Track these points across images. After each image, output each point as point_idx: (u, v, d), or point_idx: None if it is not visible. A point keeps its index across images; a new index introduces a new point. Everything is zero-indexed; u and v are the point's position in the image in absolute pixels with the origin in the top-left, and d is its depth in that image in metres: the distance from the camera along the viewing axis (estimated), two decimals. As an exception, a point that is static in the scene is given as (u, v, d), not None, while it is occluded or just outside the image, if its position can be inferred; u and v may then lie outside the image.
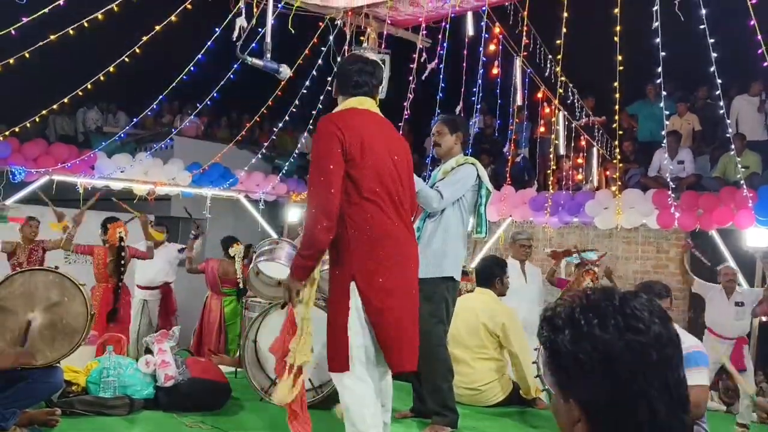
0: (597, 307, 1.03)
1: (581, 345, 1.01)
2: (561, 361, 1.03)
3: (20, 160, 7.69)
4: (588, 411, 1.01)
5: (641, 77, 8.75)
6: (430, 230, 3.94)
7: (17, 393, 3.44)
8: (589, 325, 1.01)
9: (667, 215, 7.27)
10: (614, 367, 0.99)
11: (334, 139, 2.76)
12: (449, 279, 3.93)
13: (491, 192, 4.14)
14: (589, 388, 1.01)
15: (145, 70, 7.73)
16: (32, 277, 3.48)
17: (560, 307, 1.07)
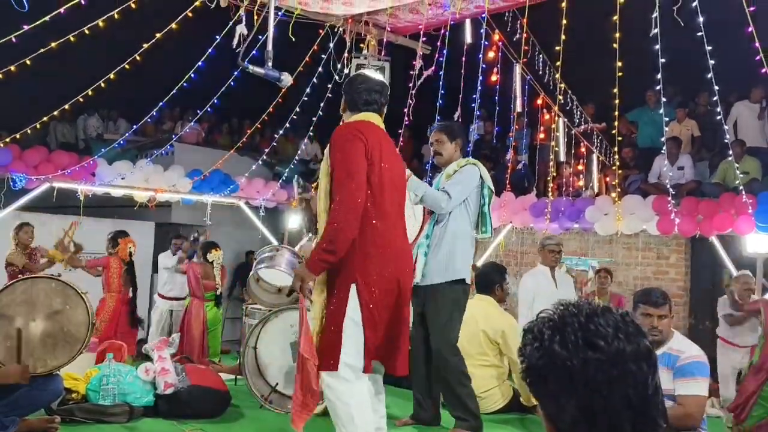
0: (563, 322, 1.04)
1: (543, 360, 1.02)
2: (530, 374, 1.06)
3: (21, 167, 7.69)
4: (554, 425, 1.03)
5: (640, 84, 8.76)
6: (439, 235, 3.97)
7: (17, 400, 3.44)
8: (549, 341, 1.03)
9: (667, 221, 7.27)
10: (573, 383, 1.00)
11: (359, 142, 2.85)
12: (460, 282, 3.95)
13: (493, 192, 4.16)
14: (552, 402, 1.02)
15: (146, 78, 7.74)
16: (34, 284, 3.49)
17: (538, 320, 1.08)
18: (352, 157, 2.82)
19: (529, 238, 9.55)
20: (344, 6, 6.14)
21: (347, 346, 2.79)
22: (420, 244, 4.04)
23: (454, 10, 5.78)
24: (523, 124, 9.49)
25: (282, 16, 5.93)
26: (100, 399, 4.00)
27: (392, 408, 4.74)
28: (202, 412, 4.12)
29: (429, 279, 3.95)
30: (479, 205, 4.06)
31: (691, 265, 8.44)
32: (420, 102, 6.80)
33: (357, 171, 2.81)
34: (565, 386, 1.01)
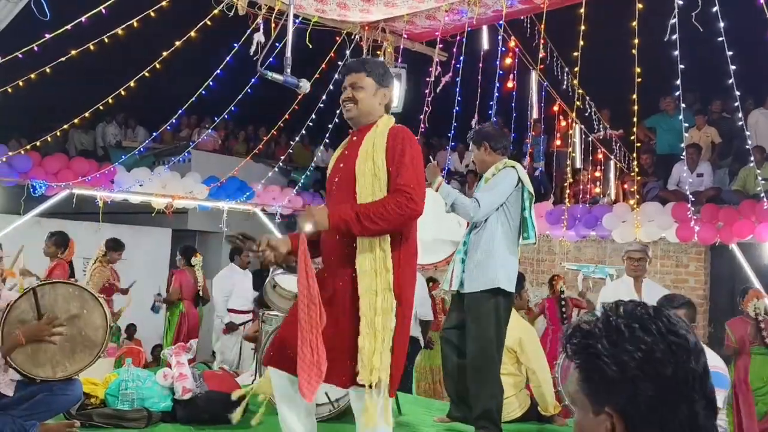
0: (634, 314, 1.03)
1: (624, 348, 1.00)
2: (599, 367, 1.01)
3: (41, 174, 7.79)
4: (627, 418, 1.00)
5: (658, 90, 8.70)
6: (473, 242, 3.89)
7: (37, 405, 3.46)
8: (630, 329, 1.01)
9: (686, 228, 7.20)
10: (658, 368, 0.99)
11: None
12: (497, 291, 3.78)
13: (533, 196, 4.02)
14: (629, 393, 0.99)
15: (164, 85, 7.83)
16: (53, 289, 3.51)
17: (589, 318, 1.06)
18: (422, 164, 2.73)
19: (545, 246, 9.49)
20: (361, 13, 6.17)
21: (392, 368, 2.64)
22: (458, 251, 3.98)
23: (471, 15, 5.77)
24: (540, 131, 9.46)
25: (299, 24, 5.97)
26: (118, 404, 4.02)
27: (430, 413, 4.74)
28: (219, 417, 4.11)
29: (467, 287, 3.87)
30: (520, 209, 3.93)
31: (711, 274, 8.33)
32: (436, 108, 6.81)
33: (422, 175, 2.70)
34: (648, 373, 0.99)
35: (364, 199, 2.61)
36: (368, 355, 2.52)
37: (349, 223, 2.52)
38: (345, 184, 2.72)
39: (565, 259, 8.98)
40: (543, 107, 7.79)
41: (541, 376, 4.62)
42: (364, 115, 2.78)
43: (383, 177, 2.62)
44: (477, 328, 3.83)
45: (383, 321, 2.55)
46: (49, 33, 5.45)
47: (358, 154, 2.69)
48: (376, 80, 2.78)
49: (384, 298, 2.57)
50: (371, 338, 2.53)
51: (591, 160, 9.04)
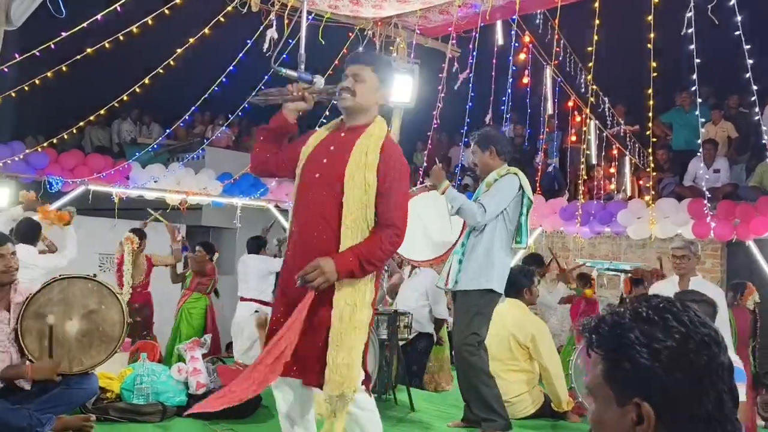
0: (664, 307, 1.04)
1: (657, 337, 1.00)
2: (631, 357, 1.01)
3: (57, 171, 7.87)
4: (656, 408, 0.99)
5: (674, 85, 8.61)
6: (473, 244, 3.97)
7: (53, 399, 3.51)
8: (664, 320, 1.01)
9: (702, 225, 7.13)
10: (691, 359, 0.99)
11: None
12: (490, 291, 3.93)
13: (532, 202, 4.12)
14: (660, 383, 0.99)
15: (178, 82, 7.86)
16: (71, 284, 3.55)
17: (617, 311, 1.06)
18: (408, 188, 2.79)
19: (559, 242, 9.44)
20: (374, 9, 6.15)
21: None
22: (456, 251, 4.05)
23: (485, 7, 5.73)
24: (554, 127, 9.40)
25: (312, 20, 5.97)
26: (134, 398, 4.06)
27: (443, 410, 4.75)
28: (233, 412, 4.14)
29: (460, 285, 3.96)
30: (518, 215, 4.03)
31: (727, 270, 8.25)
32: (449, 104, 6.78)
33: (407, 204, 2.76)
34: (680, 362, 0.99)
35: (351, 211, 2.60)
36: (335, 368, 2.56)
37: (354, 272, 2.56)
38: (329, 186, 2.66)
39: (579, 256, 8.93)
40: (557, 103, 7.73)
41: (554, 372, 4.61)
42: (359, 108, 2.73)
43: (372, 194, 2.62)
44: (465, 321, 3.93)
45: (356, 335, 2.60)
46: (65, 31, 5.50)
47: (349, 162, 2.64)
48: (380, 79, 2.74)
49: (360, 311, 2.62)
50: (341, 352, 2.57)
51: (606, 156, 8.96)
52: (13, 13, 4.13)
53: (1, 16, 4.15)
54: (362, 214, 2.61)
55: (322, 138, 2.84)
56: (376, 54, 2.96)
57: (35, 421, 3.39)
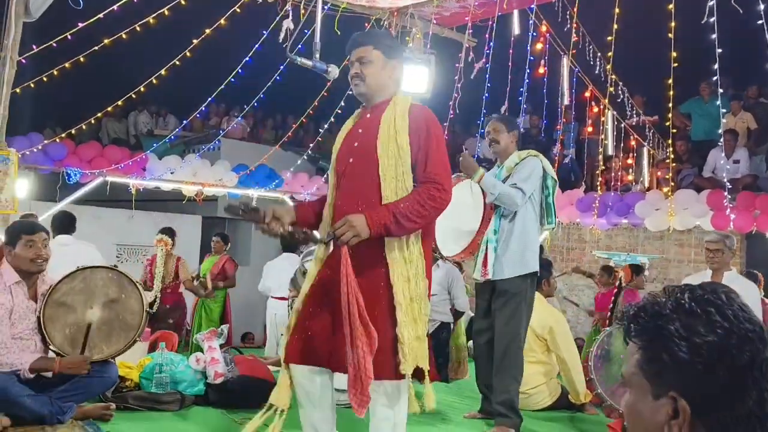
0: (707, 299, 1.00)
1: (698, 331, 0.97)
2: (669, 349, 0.97)
3: (75, 162, 7.94)
4: (693, 403, 0.96)
5: (693, 75, 8.50)
6: (508, 229, 3.94)
7: (74, 387, 3.55)
8: (707, 314, 0.97)
9: (722, 217, 7.05)
10: (733, 355, 0.95)
11: None
12: (532, 274, 3.95)
13: (557, 181, 4.13)
14: (698, 378, 0.96)
15: (193, 74, 7.89)
16: (93, 274, 3.58)
17: (658, 300, 1.03)
18: (445, 148, 2.66)
19: (575, 234, 9.38)
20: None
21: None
22: (489, 240, 3.96)
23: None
24: (571, 118, 9.32)
25: (327, 10, 5.95)
26: (152, 387, 4.09)
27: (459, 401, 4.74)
28: (251, 401, 4.16)
29: (500, 273, 3.91)
30: (543, 196, 4.04)
31: (747, 262, 8.15)
32: (465, 95, 6.74)
33: (448, 161, 2.64)
34: (721, 358, 0.96)
35: (389, 182, 2.52)
36: (408, 344, 2.45)
37: (389, 227, 2.41)
38: (364, 165, 2.58)
39: (595, 248, 8.87)
40: (574, 93, 7.67)
41: (572, 364, 4.58)
42: (374, 90, 2.66)
43: (407, 159, 2.53)
44: (510, 311, 3.89)
45: (420, 307, 2.51)
46: (82, 22, 5.52)
47: (379, 134, 2.56)
48: (384, 52, 2.66)
49: (417, 284, 2.52)
50: (410, 326, 2.47)
51: (623, 147, 8.88)
52: (31, 5, 4.17)
53: (20, 8, 4.19)
54: (401, 183, 2.52)
55: (349, 128, 2.79)
56: (371, 31, 2.89)
57: (56, 408, 3.43)
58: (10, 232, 3.55)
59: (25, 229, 3.51)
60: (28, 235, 3.45)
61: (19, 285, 3.45)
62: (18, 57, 4.24)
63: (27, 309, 3.47)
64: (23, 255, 3.43)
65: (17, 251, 3.44)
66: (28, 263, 3.45)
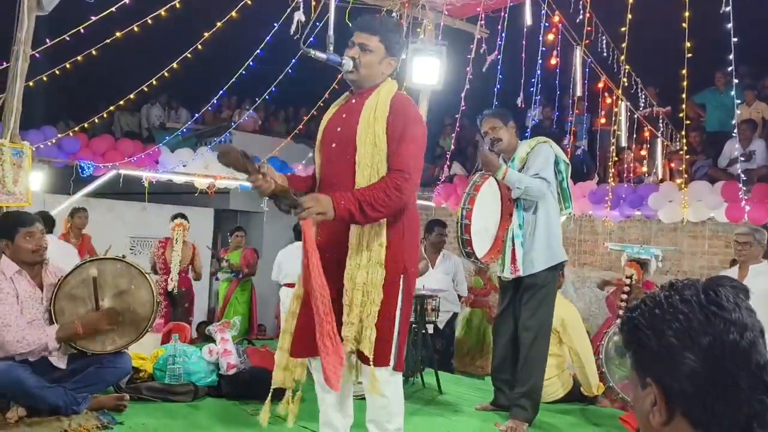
0: (678, 288, 1.06)
1: (663, 318, 1.02)
2: (640, 340, 1.05)
3: (89, 155, 8.00)
4: (666, 389, 1.02)
5: (707, 65, 8.39)
6: (532, 222, 3.86)
7: (88, 378, 3.58)
8: (668, 301, 1.04)
9: (736, 208, 6.98)
10: (694, 338, 1.00)
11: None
12: (559, 265, 3.93)
13: (569, 165, 4.05)
14: (669, 364, 1.01)
15: (205, 67, 7.91)
16: (101, 265, 3.60)
17: (655, 295, 1.08)
18: (424, 140, 2.66)
19: (587, 226, 9.33)
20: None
21: (397, 339, 2.60)
22: (515, 235, 3.87)
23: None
24: (583, 109, 9.25)
25: (339, 2, 5.93)
26: (166, 378, 4.12)
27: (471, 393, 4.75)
28: (263, 393, 4.18)
29: (530, 268, 3.84)
30: (558, 181, 3.98)
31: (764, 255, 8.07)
32: (477, 86, 6.71)
33: (423, 157, 2.68)
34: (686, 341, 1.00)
35: (363, 169, 2.55)
36: (347, 328, 2.51)
37: (354, 214, 2.44)
38: (344, 151, 2.62)
39: (608, 240, 8.82)
40: (587, 84, 7.60)
41: (584, 356, 4.56)
42: (365, 79, 2.67)
43: (383, 147, 2.55)
44: (538, 304, 3.86)
45: (366, 294, 2.52)
46: (95, 15, 5.54)
47: (359, 121, 2.59)
48: (386, 47, 2.67)
49: (368, 272, 2.53)
50: (351, 311, 2.51)
51: (637, 138, 8.80)
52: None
53: (33, 2, 4.21)
54: (374, 170, 2.54)
55: (333, 112, 2.81)
56: (383, 22, 2.85)
57: (71, 399, 3.46)
58: (4, 225, 3.53)
59: (22, 221, 3.49)
60: (25, 227, 3.44)
61: (20, 274, 3.45)
62: (31, 51, 4.26)
63: (33, 296, 3.48)
64: (24, 247, 3.43)
65: (18, 244, 3.44)
66: (30, 255, 3.45)
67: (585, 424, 4.21)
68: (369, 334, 2.52)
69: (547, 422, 4.08)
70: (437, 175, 9.93)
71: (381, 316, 2.53)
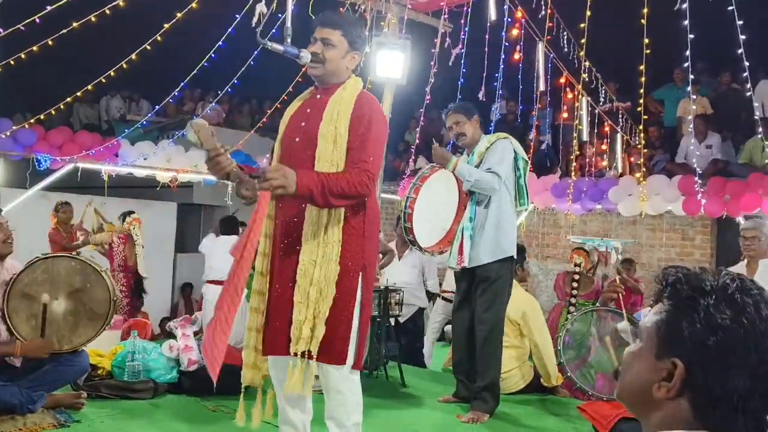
0: (751, 292, 1.01)
1: (727, 314, 0.98)
2: (692, 321, 0.99)
3: (45, 148, 7.80)
4: (691, 375, 0.99)
5: (666, 61, 8.56)
6: (483, 215, 3.94)
7: (44, 376, 3.51)
8: (743, 303, 0.99)
9: (693, 201, 7.16)
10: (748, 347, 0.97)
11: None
12: (509, 259, 3.96)
13: (528, 162, 4.13)
14: (706, 355, 0.98)
15: (167, 58, 7.76)
16: (54, 263, 3.53)
17: (702, 275, 1.04)
18: (384, 139, 2.68)
19: (550, 219, 9.47)
20: (365, -17, 6.06)
21: (354, 337, 2.58)
22: (465, 227, 3.96)
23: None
24: (546, 104, 9.36)
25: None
26: (125, 375, 4.06)
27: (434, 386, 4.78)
28: (225, 388, 4.15)
29: (477, 260, 3.93)
30: (516, 178, 4.04)
31: (717, 246, 8.31)
32: (441, 81, 6.72)
33: (382, 155, 2.69)
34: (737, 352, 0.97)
35: (322, 165, 2.53)
36: (298, 326, 2.48)
37: (314, 195, 2.40)
38: (305, 145, 2.60)
39: (570, 233, 8.97)
40: (549, 79, 7.69)
41: (544, 348, 4.64)
42: (329, 74, 2.67)
43: (343, 144, 2.55)
44: (493, 298, 3.93)
45: (319, 291, 2.49)
46: (50, 5, 5.39)
47: (323, 118, 2.59)
48: (349, 42, 2.66)
49: (322, 269, 2.51)
50: (303, 308, 2.49)
51: (597, 133, 8.96)
52: (-5, -13, 4.05)
53: (-16, -10, 4.07)
54: (334, 167, 2.53)
55: (297, 106, 2.78)
56: (345, 17, 2.85)
57: (26, 398, 3.39)
58: None
59: None
60: None
61: None
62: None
63: None
64: None
65: None
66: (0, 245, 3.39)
67: (545, 413, 4.29)
68: (320, 333, 2.49)
69: (508, 413, 4.14)
70: (403, 169, 9.94)
71: (336, 313, 2.50)
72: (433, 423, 3.94)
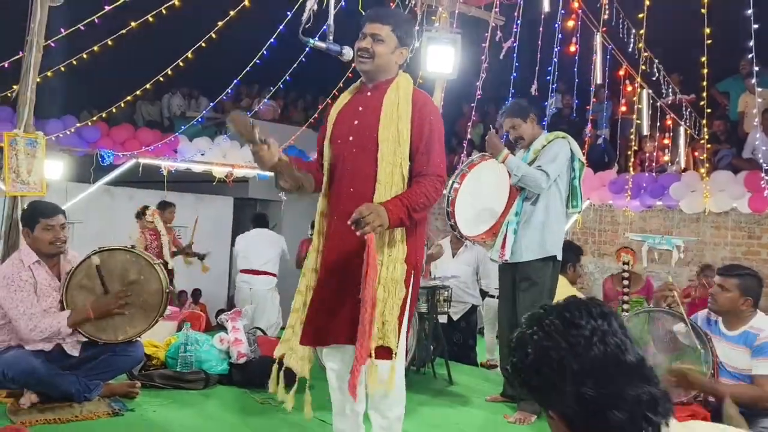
0: (539, 318, 1.19)
1: (536, 358, 1.16)
2: (525, 381, 1.19)
3: (109, 144, 8.09)
4: (566, 419, 1.14)
5: (733, 52, 8.17)
6: (529, 212, 3.89)
7: (100, 365, 3.64)
8: (533, 338, 1.18)
9: (759, 199, 6.83)
10: (570, 367, 1.11)
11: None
12: (551, 259, 3.88)
13: (584, 164, 4.04)
14: (558, 398, 1.13)
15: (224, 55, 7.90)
16: (111, 256, 3.64)
17: (517, 331, 1.24)
18: (443, 138, 2.68)
19: (608, 216, 9.20)
20: (416, -22, 6.03)
21: (404, 333, 2.61)
22: (509, 222, 3.93)
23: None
24: (604, 97, 9.08)
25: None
26: (178, 366, 4.18)
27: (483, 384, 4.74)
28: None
29: (518, 256, 3.88)
30: (570, 179, 3.96)
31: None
32: (493, 75, 6.62)
33: (445, 153, 2.69)
34: (560, 371, 1.12)
35: (385, 167, 2.55)
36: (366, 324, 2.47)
37: (404, 221, 2.48)
38: (364, 146, 2.59)
39: (628, 230, 8.69)
40: (607, 72, 7.45)
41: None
42: (379, 70, 2.66)
43: (406, 147, 2.56)
44: (532, 297, 3.84)
45: (386, 290, 2.52)
46: (108, 5, 5.57)
47: (381, 117, 2.58)
48: (398, 37, 2.66)
49: (388, 269, 2.53)
50: (369, 307, 2.47)
51: (659, 126, 8.63)
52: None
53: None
54: (397, 168, 2.55)
55: (346, 102, 2.78)
56: (394, 12, 2.85)
57: (83, 386, 3.53)
58: (27, 214, 3.59)
59: (43, 212, 3.54)
60: (45, 218, 3.50)
61: (39, 264, 3.52)
62: (45, 41, 4.29)
63: (50, 286, 3.55)
64: (41, 238, 3.49)
65: (36, 234, 3.50)
66: (46, 246, 3.51)
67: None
68: (391, 329, 2.52)
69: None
70: (456, 164, 9.84)
71: (400, 311, 2.55)
72: (478, 422, 3.89)
